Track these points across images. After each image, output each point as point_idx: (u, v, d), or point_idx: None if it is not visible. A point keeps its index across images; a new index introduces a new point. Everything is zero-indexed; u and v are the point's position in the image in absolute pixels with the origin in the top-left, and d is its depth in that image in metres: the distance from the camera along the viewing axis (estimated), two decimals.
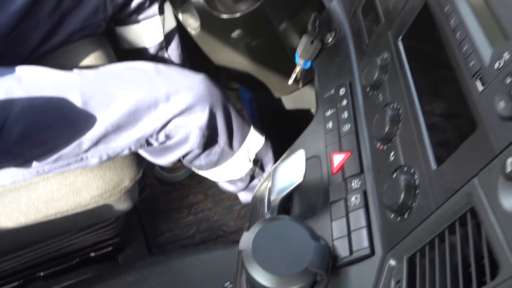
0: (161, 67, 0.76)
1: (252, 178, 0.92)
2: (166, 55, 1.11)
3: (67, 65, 0.79)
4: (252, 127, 0.87)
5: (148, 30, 1.05)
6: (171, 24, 1.11)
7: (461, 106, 0.38)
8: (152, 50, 1.07)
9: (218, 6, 0.71)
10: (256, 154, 0.89)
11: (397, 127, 0.47)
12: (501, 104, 0.32)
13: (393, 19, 0.56)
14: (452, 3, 0.43)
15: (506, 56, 0.34)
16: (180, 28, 1.05)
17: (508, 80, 0.32)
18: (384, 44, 0.56)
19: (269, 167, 0.92)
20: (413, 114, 0.45)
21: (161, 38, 1.09)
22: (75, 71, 0.74)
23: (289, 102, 0.94)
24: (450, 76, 0.41)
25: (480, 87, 0.36)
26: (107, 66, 0.74)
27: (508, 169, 0.28)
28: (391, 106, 0.49)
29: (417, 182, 0.40)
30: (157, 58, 1.09)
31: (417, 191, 0.40)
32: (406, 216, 0.40)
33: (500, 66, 0.34)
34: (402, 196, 0.40)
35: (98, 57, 0.88)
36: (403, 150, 0.45)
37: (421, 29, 0.50)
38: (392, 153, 0.46)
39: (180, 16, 0.82)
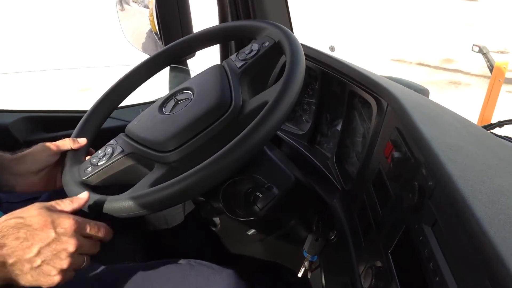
0: (193, 262, 0.86)
1: None
2: (186, 234, 1.23)
3: None
4: None
5: (171, 213, 1.19)
6: (191, 206, 1.25)
7: None
8: (174, 230, 1.19)
9: (236, 211, 0.85)
10: None
11: None
12: None
13: (383, 232, 0.68)
14: (424, 235, 0.54)
15: None
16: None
17: None
18: (377, 252, 0.67)
19: None
20: None
21: (182, 219, 1.22)
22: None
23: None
24: None
25: None
26: (147, 262, 0.85)
27: None
28: None
29: None
30: (178, 237, 1.21)
31: None
32: None
33: None
34: None
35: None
36: None
37: (404, 248, 0.61)
38: None
39: (202, 214, 0.96)
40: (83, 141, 0.82)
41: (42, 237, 0.59)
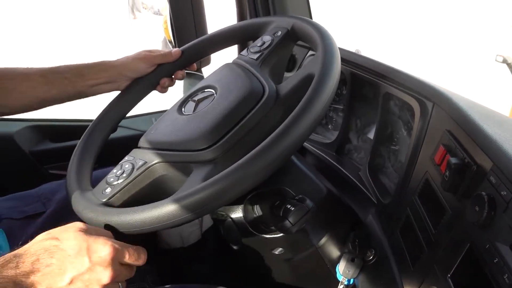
0: None
1: None
2: (203, 254, 1.14)
3: None
4: None
5: (186, 230, 1.09)
6: (208, 222, 1.16)
7: None
8: (189, 250, 1.10)
9: (261, 227, 0.75)
10: None
11: None
12: None
13: (437, 252, 0.57)
14: (501, 257, 0.44)
15: None
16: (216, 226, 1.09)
17: None
18: (432, 276, 0.57)
19: None
20: None
21: (199, 237, 1.13)
22: None
23: None
24: None
25: None
26: None
27: None
28: None
29: None
30: (195, 257, 1.12)
31: None
32: None
33: None
34: None
35: None
36: None
37: (468, 271, 0.51)
38: None
39: (221, 230, 0.86)
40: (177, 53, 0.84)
41: (76, 265, 0.53)
